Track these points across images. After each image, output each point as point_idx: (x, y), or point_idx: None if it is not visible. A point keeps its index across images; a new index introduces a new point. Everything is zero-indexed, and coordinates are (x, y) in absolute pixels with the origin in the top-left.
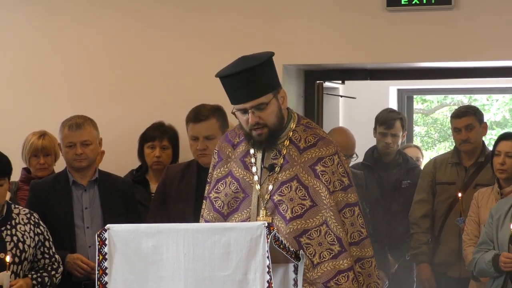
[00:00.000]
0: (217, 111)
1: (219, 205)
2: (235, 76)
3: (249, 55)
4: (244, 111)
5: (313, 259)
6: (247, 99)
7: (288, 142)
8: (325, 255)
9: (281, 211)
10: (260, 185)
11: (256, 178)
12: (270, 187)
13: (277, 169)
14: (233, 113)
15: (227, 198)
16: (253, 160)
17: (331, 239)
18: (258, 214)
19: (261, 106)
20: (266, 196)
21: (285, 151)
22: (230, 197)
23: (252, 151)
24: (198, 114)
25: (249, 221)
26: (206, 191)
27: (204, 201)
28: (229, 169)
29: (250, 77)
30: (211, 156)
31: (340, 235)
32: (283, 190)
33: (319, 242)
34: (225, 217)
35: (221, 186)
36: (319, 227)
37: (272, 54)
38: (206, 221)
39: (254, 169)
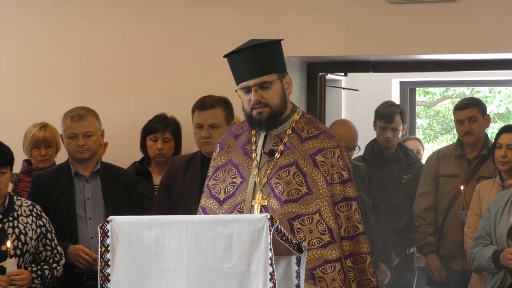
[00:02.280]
0: (223, 102)
1: (217, 191)
2: (241, 52)
3: (257, 39)
4: (248, 90)
5: None
6: (251, 76)
7: (290, 131)
8: (314, 243)
9: (277, 193)
10: (258, 170)
11: (255, 163)
12: (268, 171)
13: (277, 155)
14: (237, 92)
15: (224, 184)
16: (253, 147)
17: (323, 228)
18: (254, 198)
19: (265, 85)
20: (263, 180)
21: (286, 139)
22: (228, 182)
23: (253, 139)
24: (205, 102)
25: (244, 204)
26: (205, 184)
27: (202, 194)
28: (229, 158)
29: (255, 55)
30: (215, 145)
31: (332, 226)
32: (281, 174)
33: (310, 229)
34: (221, 202)
35: (220, 173)
36: (312, 215)
37: (281, 39)
38: (202, 208)
39: (253, 154)
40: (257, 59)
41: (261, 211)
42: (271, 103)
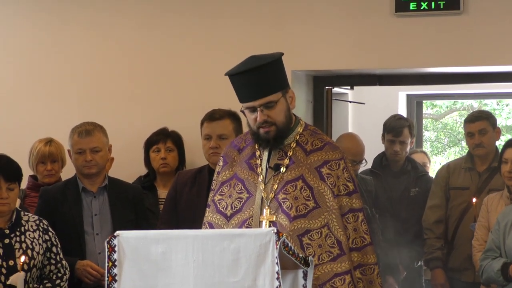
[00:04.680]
0: (232, 115)
1: (223, 206)
2: (245, 74)
3: (258, 54)
4: (253, 110)
5: None
6: (256, 97)
7: (295, 144)
8: (324, 257)
9: (285, 208)
10: (265, 185)
11: (261, 178)
12: (275, 186)
13: (282, 169)
14: (242, 111)
15: (230, 199)
16: (258, 161)
17: (332, 242)
18: (261, 213)
19: (270, 105)
20: (270, 195)
21: (291, 152)
22: (234, 198)
23: (257, 153)
24: (214, 113)
25: (252, 220)
26: (209, 198)
27: (207, 208)
28: (234, 172)
29: (259, 75)
30: None
31: (341, 238)
32: (288, 189)
33: (319, 244)
34: (228, 218)
35: (226, 188)
36: (320, 229)
37: (282, 54)
38: (209, 224)
39: (259, 169)
40: (261, 80)
41: (269, 227)
42: (277, 121)
